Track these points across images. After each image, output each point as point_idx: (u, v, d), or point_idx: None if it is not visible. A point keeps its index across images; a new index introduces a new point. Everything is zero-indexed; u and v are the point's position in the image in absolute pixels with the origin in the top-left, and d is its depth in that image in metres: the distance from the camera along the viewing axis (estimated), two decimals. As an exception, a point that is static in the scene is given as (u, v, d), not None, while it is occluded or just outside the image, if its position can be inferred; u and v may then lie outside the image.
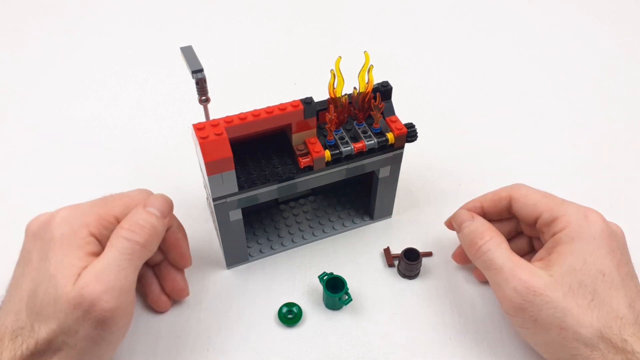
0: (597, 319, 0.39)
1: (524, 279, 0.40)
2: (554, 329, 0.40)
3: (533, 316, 0.40)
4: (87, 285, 0.38)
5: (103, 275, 0.39)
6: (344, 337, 0.48)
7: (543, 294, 0.40)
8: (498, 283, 0.42)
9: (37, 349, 0.38)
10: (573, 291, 0.40)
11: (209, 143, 0.42)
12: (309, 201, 0.59)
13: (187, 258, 0.48)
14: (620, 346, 0.38)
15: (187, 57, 0.42)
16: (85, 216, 0.42)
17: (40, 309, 0.39)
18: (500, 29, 0.89)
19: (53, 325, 0.38)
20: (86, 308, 0.38)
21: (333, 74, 0.45)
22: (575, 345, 0.39)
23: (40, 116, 0.72)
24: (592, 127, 0.70)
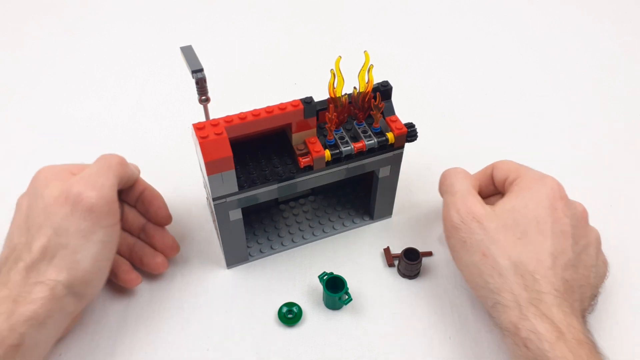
0: (518, 254, 0.42)
1: (468, 205, 0.45)
2: (477, 253, 0.43)
3: (463, 238, 0.44)
4: (72, 185, 0.42)
5: (85, 176, 0.43)
6: (344, 337, 0.48)
7: (479, 221, 0.44)
8: (448, 205, 0.47)
9: (33, 259, 0.40)
10: (506, 226, 0.43)
11: (209, 143, 0.42)
12: (309, 201, 0.59)
13: (165, 210, 0.51)
14: (529, 284, 0.41)
15: (187, 57, 0.42)
16: (67, 166, 0.47)
17: (32, 222, 0.42)
18: (500, 29, 0.89)
19: (45, 230, 0.41)
20: (73, 200, 0.41)
21: (333, 74, 0.45)
22: (491, 273, 0.42)
23: (40, 116, 0.72)
24: (592, 127, 0.70)
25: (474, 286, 0.45)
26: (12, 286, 0.39)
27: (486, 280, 0.43)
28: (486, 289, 0.43)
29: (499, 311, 0.42)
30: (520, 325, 0.39)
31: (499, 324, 0.42)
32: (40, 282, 0.40)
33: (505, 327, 0.41)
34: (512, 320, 0.40)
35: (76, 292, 0.42)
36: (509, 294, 0.41)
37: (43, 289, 0.40)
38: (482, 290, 0.44)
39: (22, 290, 0.39)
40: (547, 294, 0.40)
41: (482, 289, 0.43)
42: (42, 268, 0.40)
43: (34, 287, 0.40)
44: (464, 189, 0.47)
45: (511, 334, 0.40)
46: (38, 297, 0.39)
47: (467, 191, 0.47)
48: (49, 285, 0.40)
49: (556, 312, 0.39)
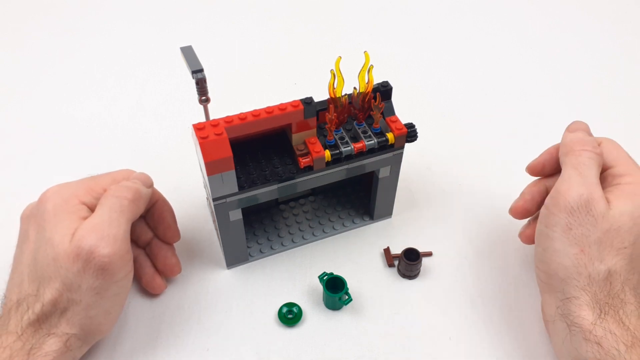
0: (616, 263, 0.40)
1: (594, 196, 0.41)
2: (577, 247, 0.41)
3: (571, 225, 0.41)
4: (83, 237, 0.40)
5: (97, 226, 0.40)
6: (344, 337, 0.48)
7: (596, 217, 0.41)
8: (572, 182, 0.43)
9: (43, 311, 0.39)
10: (619, 231, 0.41)
11: (209, 143, 0.42)
12: (309, 201, 0.59)
13: (174, 230, 0.50)
14: (615, 292, 0.40)
15: (187, 57, 0.42)
16: (75, 189, 0.44)
17: (41, 272, 0.40)
18: (500, 29, 0.89)
19: (56, 284, 0.39)
20: (85, 257, 0.39)
21: (333, 74, 0.45)
22: (581, 272, 0.40)
23: (40, 116, 0.72)
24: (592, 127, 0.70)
25: (551, 272, 0.42)
26: (25, 338, 0.39)
27: (571, 275, 0.41)
28: (567, 283, 0.41)
29: (574, 305, 0.40)
30: (597, 323, 0.39)
31: (567, 316, 0.40)
32: (53, 334, 0.40)
33: (576, 322, 0.40)
34: (589, 317, 0.39)
35: (86, 341, 0.42)
36: (591, 294, 0.40)
37: (56, 342, 0.39)
38: (558, 281, 0.42)
39: (35, 342, 0.39)
40: (631, 304, 0.40)
41: (561, 280, 0.41)
42: (54, 321, 0.40)
43: (46, 339, 0.39)
44: (595, 175, 0.43)
45: (583, 330, 0.39)
46: (51, 350, 0.39)
47: (597, 180, 0.43)
48: (62, 339, 0.40)
49: (634, 321, 0.39)
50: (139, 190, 0.45)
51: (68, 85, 0.77)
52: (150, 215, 0.50)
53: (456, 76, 0.79)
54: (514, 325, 0.49)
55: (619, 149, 0.47)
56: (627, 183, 0.44)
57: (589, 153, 0.44)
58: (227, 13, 0.93)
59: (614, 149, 0.47)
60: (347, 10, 0.94)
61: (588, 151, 0.44)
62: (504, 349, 0.47)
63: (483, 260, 0.54)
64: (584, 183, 0.42)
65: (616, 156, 0.46)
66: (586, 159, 0.44)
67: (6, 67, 0.81)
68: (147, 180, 0.48)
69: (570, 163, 0.44)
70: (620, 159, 0.46)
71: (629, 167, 0.45)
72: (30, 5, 0.94)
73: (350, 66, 0.50)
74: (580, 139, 0.46)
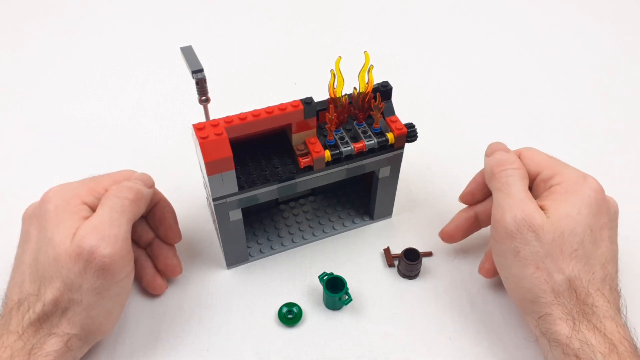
0: (573, 268, 0.40)
1: (527, 212, 0.41)
2: (530, 266, 0.41)
3: (517, 248, 0.41)
4: (84, 237, 0.39)
5: (98, 227, 0.40)
6: (344, 337, 0.48)
7: (536, 231, 0.41)
8: (502, 206, 0.43)
9: (44, 311, 0.39)
10: (563, 237, 0.41)
11: (209, 143, 0.42)
12: (309, 201, 0.59)
13: (175, 231, 0.50)
14: (582, 298, 0.40)
15: (187, 57, 0.42)
16: (77, 189, 0.44)
17: (42, 272, 0.40)
18: (500, 29, 0.89)
19: (57, 284, 0.39)
20: (86, 258, 0.39)
21: (333, 74, 0.45)
22: (544, 288, 0.40)
23: (40, 116, 0.72)
24: (592, 127, 0.70)
25: (519, 297, 0.43)
26: (26, 338, 0.39)
27: (537, 294, 0.41)
28: (535, 303, 0.41)
29: (548, 322, 0.40)
30: (573, 336, 0.39)
31: (546, 333, 0.41)
32: (54, 334, 0.40)
33: (553, 338, 0.40)
34: (564, 332, 0.39)
35: (86, 341, 0.42)
36: (561, 307, 0.40)
37: (57, 342, 0.39)
38: (528, 303, 0.42)
39: (36, 342, 0.39)
40: (600, 307, 0.40)
41: (530, 302, 0.42)
42: (55, 320, 0.40)
43: (47, 339, 0.39)
44: (522, 190, 0.43)
45: (561, 344, 0.39)
46: (52, 350, 0.39)
47: (525, 194, 0.43)
48: (63, 339, 0.40)
49: (609, 325, 0.39)
50: (140, 191, 0.45)
51: (68, 85, 0.77)
52: (151, 216, 0.50)
53: (456, 76, 0.79)
54: (513, 325, 0.49)
55: (539, 153, 0.47)
56: (557, 184, 0.44)
57: (508, 171, 0.45)
58: (227, 13, 0.93)
59: (534, 155, 0.47)
60: (347, 10, 0.94)
61: (507, 169, 0.45)
62: (504, 348, 0.47)
63: (483, 260, 0.54)
64: (513, 203, 0.42)
65: (538, 161, 0.46)
66: (507, 177, 0.44)
67: (6, 67, 0.81)
68: (148, 180, 0.48)
69: (495, 187, 0.45)
70: (543, 162, 0.46)
71: (555, 167, 0.45)
72: (30, 5, 0.94)
73: (350, 66, 0.50)
74: (497, 161, 0.46)
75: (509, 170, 0.45)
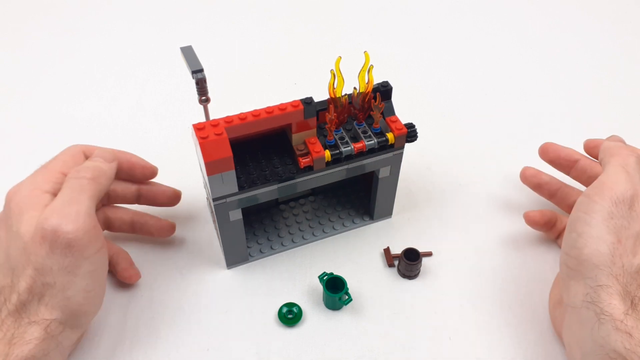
0: None
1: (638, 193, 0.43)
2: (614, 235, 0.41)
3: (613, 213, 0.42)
4: (46, 219, 0.40)
5: (58, 207, 0.41)
6: (344, 337, 0.48)
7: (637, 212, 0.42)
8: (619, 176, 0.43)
9: (20, 300, 0.39)
10: None
11: (209, 143, 0.42)
12: (309, 201, 0.59)
13: (147, 167, 0.52)
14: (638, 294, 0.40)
15: (187, 57, 0.42)
16: (33, 182, 0.44)
17: (14, 264, 0.40)
18: (500, 29, 0.89)
19: (28, 271, 0.39)
20: (50, 238, 0.39)
21: (333, 74, 0.45)
22: (615, 261, 0.40)
23: (40, 116, 0.72)
24: (592, 127, 0.70)
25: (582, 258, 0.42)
26: (6, 328, 0.39)
27: (606, 263, 0.40)
28: (600, 269, 0.40)
29: (605, 293, 0.40)
30: (629, 313, 0.39)
31: (597, 304, 0.40)
32: (34, 321, 0.39)
33: (606, 311, 0.39)
34: (621, 307, 0.39)
35: (72, 325, 0.42)
36: (623, 286, 0.40)
37: (37, 329, 0.39)
38: (590, 267, 0.41)
39: (16, 332, 0.39)
40: None
41: (595, 267, 0.41)
42: (33, 308, 0.40)
43: (28, 328, 0.39)
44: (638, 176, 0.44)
45: (614, 319, 0.39)
46: (33, 338, 0.39)
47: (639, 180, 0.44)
48: (43, 325, 0.39)
49: None
50: (98, 167, 0.45)
51: (68, 85, 0.77)
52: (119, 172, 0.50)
53: (456, 76, 0.79)
54: (514, 325, 0.49)
55: None
56: None
57: (636, 158, 0.46)
58: (227, 13, 0.93)
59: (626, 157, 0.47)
60: (347, 10, 0.94)
61: (634, 156, 0.46)
62: (504, 349, 0.47)
63: (483, 260, 0.54)
64: (630, 180, 0.43)
65: None
66: (633, 162, 0.45)
67: (6, 67, 0.81)
68: (107, 155, 0.47)
69: (616, 162, 0.45)
70: None
71: None
72: (30, 5, 0.94)
73: (350, 66, 0.50)
74: (625, 147, 0.48)
75: (635, 158, 0.46)
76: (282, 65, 0.81)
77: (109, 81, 0.78)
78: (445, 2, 0.95)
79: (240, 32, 0.88)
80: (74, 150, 0.47)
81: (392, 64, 0.80)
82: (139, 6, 0.94)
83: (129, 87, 0.77)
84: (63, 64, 0.81)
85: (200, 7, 0.94)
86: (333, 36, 0.87)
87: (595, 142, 0.53)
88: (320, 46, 0.85)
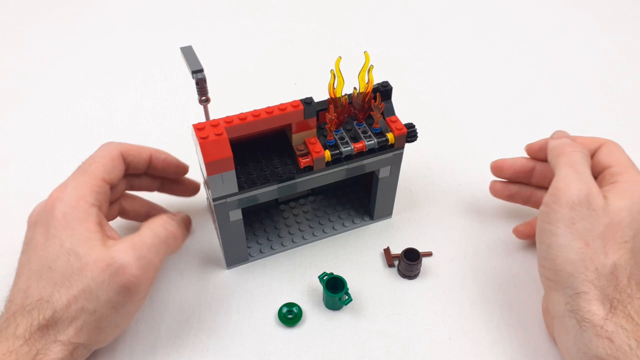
0: (620, 257, 0.41)
1: (593, 191, 0.42)
2: (580, 240, 0.41)
3: (573, 219, 0.42)
4: (121, 251, 0.40)
5: (137, 245, 0.41)
6: (344, 337, 0.48)
7: (596, 212, 0.42)
8: (570, 178, 0.44)
9: (54, 317, 0.39)
10: (619, 226, 0.42)
11: (209, 143, 0.42)
12: (309, 201, 0.59)
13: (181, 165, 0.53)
14: (621, 287, 0.40)
15: (187, 57, 0.42)
16: (78, 190, 0.43)
17: (58, 278, 0.40)
18: (500, 29, 0.89)
19: (74, 291, 0.39)
20: (115, 271, 0.40)
21: (333, 74, 0.45)
22: (588, 266, 0.41)
23: (40, 116, 0.72)
24: (592, 127, 0.70)
25: (557, 269, 0.42)
26: (32, 342, 0.39)
27: (579, 269, 0.41)
28: (575, 278, 0.41)
29: (583, 300, 0.40)
30: (609, 318, 0.39)
31: (577, 312, 0.40)
32: (60, 341, 0.39)
33: (586, 318, 0.40)
34: (599, 313, 0.39)
35: (89, 349, 0.42)
36: (599, 290, 0.40)
37: (61, 350, 0.39)
38: (566, 277, 0.41)
39: (41, 348, 0.39)
40: (638, 299, 0.40)
41: (569, 275, 0.41)
42: (63, 327, 0.40)
43: (52, 346, 0.39)
44: (589, 173, 0.44)
45: (594, 325, 0.39)
46: (56, 358, 0.39)
47: (592, 177, 0.44)
48: (68, 347, 0.40)
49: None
50: (183, 235, 0.47)
51: (68, 85, 0.77)
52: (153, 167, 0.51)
53: (456, 76, 0.79)
54: (514, 325, 0.49)
55: (620, 150, 0.48)
56: (623, 181, 0.44)
57: (581, 153, 0.46)
58: (227, 13, 0.93)
59: (615, 150, 0.48)
60: (347, 10, 0.94)
61: (579, 152, 0.46)
62: (504, 349, 0.47)
63: (483, 260, 0.54)
64: (581, 179, 0.43)
65: (617, 157, 0.47)
66: (579, 158, 0.45)
67: (6, 67, 0.81)
68: (189, 223, 0.51)
69: (564, 163, 0.46)
70: (621, 159, 0.47)
71: (627, 167, 0.46)
72: (30, 5, 0.94)
73: (350, 66, 0.50)
74: (568, 142, 0.48)
75: (580, 153, 0.46)
76: (282, 65, 0.81)
77: (109, 81, 0.78)
78: (445, 2, 0.95)
79: (240, 32, 0.88)
80: (112, 152, 0.47)
81: (392, 64, 0.80)
82: (139, 6, 0.94)
83: (129, 87, 0.77)
84: (63, 64, 0.81)
85: (200, 7, 0.94)
86: (333, 36, 0.87)
87: (537, 145, 0.53)
88: (320, 46, 0.85)
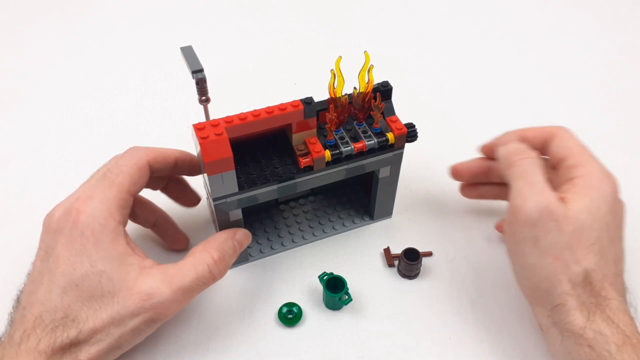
0: (590, 261, 0.40)
1: (550, 201, 0.41)
2: (549, 255, 0.41)
3: (537, 236, 0.41)
4: (159, 288, 0.41)
5: (175, 286, 0.41)
6: (344, 337, 0.48)
7: (558, 221, 0.40)
8: (524, 194, 0.42)
9: (78, 338, 0.39)
10: (583, 230, 0.41)
11: (209, 143, 0.42)
12: (309, 201, 0.59)
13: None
14: (597, 291, 0.40)
15: (187, 57, 0.42)
16: (105, 204, 0.42)
17: (88, 300, 0.40)
18: (500, 29, 0.89)
19: (104, 315, 0.39)
20: (148, 306, 0.40)
21: (333, 74, 0.45)
22: (561, 278, 0.40)
23: (40, 116, 0.72)
24: (592, 127, 0.70)
25: (532, 287, 0.43)
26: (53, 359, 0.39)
27: (553, 284, 0.41)
28: (550, 293, 0.41)
29: (561, 312, 0.40)
30: (587, 326, 0.39)
31: (558, 324, 0.41)
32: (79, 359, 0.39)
33: (567, 328, 0.40)
34: (578, 322, 0.39)
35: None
36: (576, 298, 0.40)
37: None
38: (542, 293, 0.42)
39: None
40: (614, 300, 0.40)
41: (545, 292, 0.41)
42: (85, 348, 0.39)
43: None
44: (543, 180, 0.43)
45: (574, 334, 0.39)
46: None
47: (546, 184, 0.42)
48: None
49: (622, 317, 0.39)
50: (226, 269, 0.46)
51: (68, 85, 0.77)
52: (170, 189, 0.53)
53: (456, 76, 0.79)
54: (513, 325, 0.49)
55: (570, 138, 0.47)
56: (580, 176, 0.44)
57: (528, 160, 0.44)
58: (227, 13, 0.93)
59: (567, 138, 0.47)
60: (347, 10, 0.94)
61: (527, 158, 0.45)
62: (504, 349, 0.47)
63: (483, 260, 0.54)
64: (535, 192, 0.42)
65: (569, 146, 0.46)
66: (529, 166, 0.44)
67: (6, 67, 0.81)
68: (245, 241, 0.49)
69: (514, 174, 0.44)
70: (573, 148, 0.46)
71: (582, 156, 0.45)
72: (30, 5, 0.94)
73: (350, 66, 0.50)
74: (515, 149, 0.46)
75: (529, 159, 0.44)
76: (282, 65, 0.81)
77: (109, 81, 0.78)
78: (445, 2, 0.95)
79: (240, 32, 0.88)
80: (140, 160, 0.45)
81: (392, 64, 0.80)
82: (139, 6, 0.94)
83: (129, 87, 0.77)
84: (63, 64, 0.81)
85: (200, 7, 0.94)
86: (333, 36, 0.87)
87: (489, 146, 0.52)
88: (320, 46, 0.85)
